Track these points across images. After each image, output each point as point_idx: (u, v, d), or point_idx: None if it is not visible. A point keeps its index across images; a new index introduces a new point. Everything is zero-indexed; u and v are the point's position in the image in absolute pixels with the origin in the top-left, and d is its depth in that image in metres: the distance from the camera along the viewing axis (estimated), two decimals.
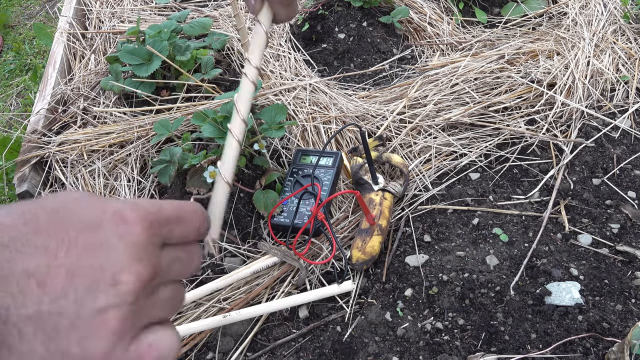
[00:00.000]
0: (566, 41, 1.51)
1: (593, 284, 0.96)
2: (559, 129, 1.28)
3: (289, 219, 1.09)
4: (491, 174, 1.22)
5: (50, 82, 1.57)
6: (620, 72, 1.43)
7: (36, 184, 1.30)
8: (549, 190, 1.15)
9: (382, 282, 1.02)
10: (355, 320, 0.96)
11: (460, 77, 1.41)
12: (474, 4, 1.82)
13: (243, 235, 1.13)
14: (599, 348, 0.86)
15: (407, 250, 1.06)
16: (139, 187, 1.25)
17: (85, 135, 1.36)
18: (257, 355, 0.94)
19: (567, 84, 1.35)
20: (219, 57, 1.53)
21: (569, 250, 1.03)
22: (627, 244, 1.03)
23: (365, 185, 1.13)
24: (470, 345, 0.89)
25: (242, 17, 1.26)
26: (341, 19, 1.66)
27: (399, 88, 1.46)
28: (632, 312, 0.91)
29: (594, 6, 1.66)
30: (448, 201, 1.15)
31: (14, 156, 1.39)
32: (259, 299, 1.02)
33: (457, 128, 1.32)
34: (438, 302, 0.96)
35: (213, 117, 1.08)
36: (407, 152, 1.28)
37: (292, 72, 1.51)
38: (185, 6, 1.82)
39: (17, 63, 2.15)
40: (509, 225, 1.09)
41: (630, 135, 1.26)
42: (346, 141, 1.30)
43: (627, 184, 1.15)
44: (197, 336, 0.97)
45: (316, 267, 1.04)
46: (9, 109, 1.89)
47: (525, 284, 0.97)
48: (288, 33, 1.72)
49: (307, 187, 1.08)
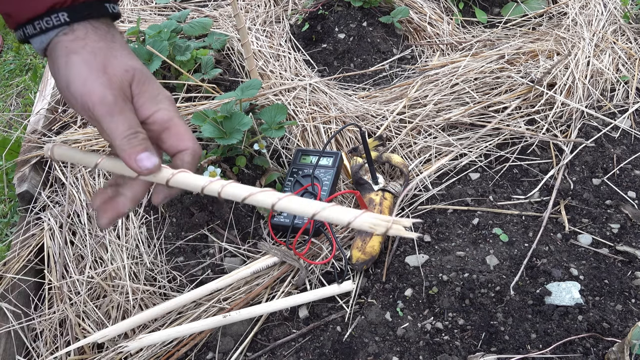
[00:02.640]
0: (566, 41, 1.51)
1: (593, 284, 0.96)
2: (559, 129, 1.28)
3: (289, 219, 1.09)
4: (491, 174, 1.22)
5: (50, 82, 1.57)
6: (620, 72, 1.43)
7: (36, 184, 1.30)
8: (549, 190, 1.15)
9: (382, 282, 1.02)
10: (355, 320, 0.96)
11: (460, 77, 1.41)
12: (474, 4, 1.82)
13: (243, 235, 1.13)
14: (599, 348, 0.86)
15: (407, 250, 1.06)
16: None
17: (85, 135, 1.36)
18: (257, 355, 0.94)
19: (567, 84, 1.35)
20: (219, 57, 1.53)
21: (569, 250, 1.03)
22: (627, 244, 1.03)
23: (365, 185, 1.13)
24: (470, 345, 0.89)
25: (242, 17, 1.26)
26: (341, 19, 1.66)
27: (399, 88, 1.46)
28: (632, 312, 0.91)
29: (594, 6, 1.66)
30: (448, 201, 1.15)
31: (14, 156, 1.39)
32: (259, 299, 1.02)
33: (457, 128, 1.32)
34: (438, 302, 0.96)
35: (213, 117, 1.08)
36: (407, 152, 1.28)
37: (292, 72, 1.51)
38: (185, 6, 1.82)
39: (17, 63, 2.15)
40: (509, 225, 1.09)
41: (630, 135, 1.26)
42: (346, 141, 1.30)
43: (627, 184, 1.15)
44: (197, 336, 0.97)
45: (316, 267, 1.04)
46: (9, 109, 1.89)
47: (525, 284, 0.97)
48: (288, 33, 1.72)
49: (307, 187, 1.08)
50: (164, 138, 0.50)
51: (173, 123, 0.49)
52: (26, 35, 0.48)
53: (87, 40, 0.47)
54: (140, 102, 0.48)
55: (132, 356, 0.95)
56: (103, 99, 0.45)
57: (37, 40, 0.48)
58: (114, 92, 0.45)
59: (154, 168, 0.46)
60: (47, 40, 0.47)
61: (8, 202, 1.50)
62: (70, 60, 0.46)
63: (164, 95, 0.50)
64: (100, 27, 0.48)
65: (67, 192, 1.25)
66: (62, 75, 0.46)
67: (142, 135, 0.46)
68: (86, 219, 1.19)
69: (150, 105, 0.49)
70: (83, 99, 0.45)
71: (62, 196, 1.26)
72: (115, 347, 0.93)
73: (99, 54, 0.46)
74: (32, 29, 0.47)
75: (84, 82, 0.45)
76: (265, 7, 1.83)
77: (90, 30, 0.47)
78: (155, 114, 0.49)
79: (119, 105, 0.45)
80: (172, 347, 0.96)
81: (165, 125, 0.49)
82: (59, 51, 0.46)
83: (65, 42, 0.46)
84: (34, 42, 0.48)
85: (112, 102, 0.45)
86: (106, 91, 0.45)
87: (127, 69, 0.47)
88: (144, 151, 0.46)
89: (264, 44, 1.62)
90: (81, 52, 0.46)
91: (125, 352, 0.94)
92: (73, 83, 0.45)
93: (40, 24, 0.47)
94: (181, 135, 0.50)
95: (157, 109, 0.49)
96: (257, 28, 1.70)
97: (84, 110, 0.46)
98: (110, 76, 0.46)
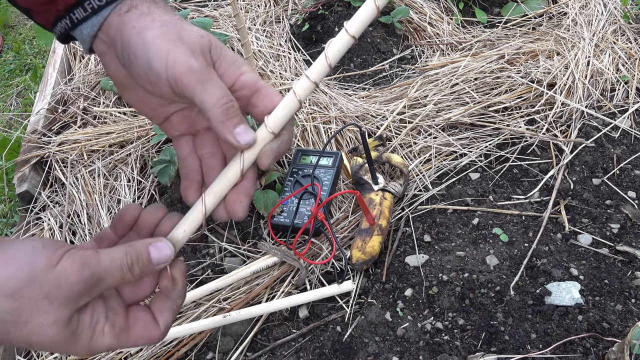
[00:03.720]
0: (566, 41, 1.51)
1: (593, 284, 0.96)
2: (559, 129, 1.28)
3: (289, 219, 1.09)
4: (491, 174, 1.22)
5: (50, 82, 1.57)
6: (620, 72, 1.43)
7: (36, 184, 1.30)
8: (549, 190, 1.15)
9: (382, 282, 1.02)
10: (355, 320, 0.96)
11: (460, 77, 1.41)
12: (474, 4, 1.82)
13: (243, 235, 1.13)
14: (599, 348, 0.86)
15: (407, 250, 1.06)
16: (139, 187, 1.25)
17: (85, 135, 1.36)
18: (257, 355, 0.94)
19: (567, 83, 1.35)
20: None
21: (569, 250, 1.03)
22: (627, 244, 1.03)
23: (365, 185, 1.13)
24: (470, 345, 0.89)
25: (242, 17, 1.26)
26: (341, 19, 1.66)
27: (399, 88, 1.46)
28: (632, 312, 0.91)
29: (594, 6, 1.66)
30: (448, 201, 1.16)
31: (14, 156, 1.39)
32: (259, 299, 1.02)
33: (457, 128, 1.32)
34: (438, 302, 0.96)
35: None
36: (407, 152, 1.28)
37: (292, 72, 1.51)
38: (185, 6, 1.82)
39: (17, 63, 2.15)
40: (509, 225, 1.09)
41: (630, 135, 1.26)
42: (346, 141, 1.30)
43: (627, 184, 1.15)
44: (197, 336, 0.97)
45: (316, 267, 1.04)
46: (9, 109, 1.89)
47: (525, 284, 0.97)
48: (288, 33, 1.72)
49: (307, 187, 1.08)
50: (255, 102, 0.46)
51: (260, 85, 0.46)
52: (74, 22, 0.44)
53: (153, 15, 0.43)
54: (223, 68, 0.45)
55: (132, 356, 0.95)
56: (190, 67, 0.41)
57: (88, 26, 0.44)
58: (198, 59, 0.42)
59: (252, 142, 0.43)
60: (98, 23, 0.44)
61: (8, 202, 1.50)
62: (145, 38, 0.42)
63: (242, 60, 0.47)
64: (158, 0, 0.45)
65: (67, 192, 1.25)
66: (141, 56, 0.42)
67: (236, 104, 0.43)
68: (86, 219, 1.19)
69: (234, 69, 0.45)
70: (168, 72, 0.41)
71: (62, 196, 1.26)
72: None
73: (170, 25, 0.43)
74: (83, 12, 0.43)
75: (165, 55, 0.41)
76: (265, 7, 1.83)
77: (152, 5, 0.44)
78: (241, 77, 0.45)
79: (206, 71, 0.42)
80: (172, 347, 0.96)
81: (253, 88, 0.45)
82: (128, 33, 0.43)
83: (132, 21, 0.43)
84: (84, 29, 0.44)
85: (199, 70, 0.42)
86: (190, 59, 0.41)
87: (202, 35, 0.44)
88: (241, 122, 0.43)
89: (264, 44, 1.62)
90: (152, 27, 0.42)
91: (125, 352, 0.94)
92: (154, 60, 0.41)
93: (91, 3, 0.43)
94: (272, 96, 0.45)
95: (241, 73, 0.45)
96: (257, 28, 1.70)
97: (171, 85, 0.42)
98: (189, 44, 0.42)
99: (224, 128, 0.42)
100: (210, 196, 0.45)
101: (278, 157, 0.46)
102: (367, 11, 0.41)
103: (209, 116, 0.42)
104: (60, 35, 0.46)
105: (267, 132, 0.44)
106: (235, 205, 0.46)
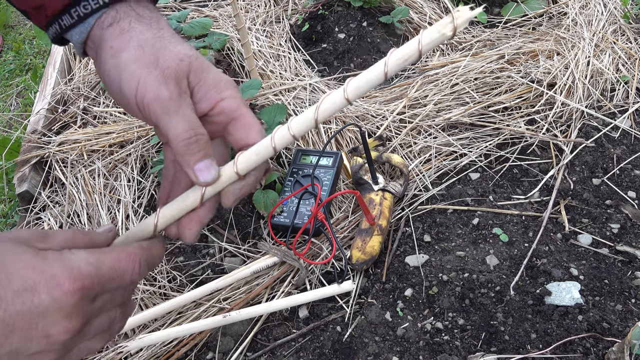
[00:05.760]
0: (566, 41, 1.51)
1: (593, 284, 0.96)
2: (559, 129, 1.28)
3: (289, 219, 1.09)
4: (491, 174, 1.22)
5: (50, 82, 1.57)
6: (620, 72, 1.43)
7: (36, 184, 1.30)
8: (549, 190, 1.15)
9: (382, 282, 1.02)
10: (355, 320, 0.96)
11: (460, 77, 1.41)
12: (474, 4, 1.82)
13: (243, 235, 1.13)
14: (599, 348, 0.86)
15: (407, 250, 1.06)
16: (139, 187, 1.25)
17: (85, 135, 1.36)
18: (257, 355, 0.94)
19: (567, 84, 1.35)
20: (219, 57, 1.53)
21: (569, 250, 1.03)
22: (627, 244, 1.03)
23: (365, 185, 1.13)
24: (470, 345, 0.89)
25: (242, 17, 1.26)
26: (341, 19, 1.66)
27: (399, 88, 1.46)
28: (632, 312, 0.91)
29: (594, 6, 1.66)
30: (448, 201, 1.15)
31: (14, 156, 1.39)
32: (259, 299, 1.02)
33: (457, 128, 1.32)
34: (438, 302, 0.96)
35: None
36: (407, 152, 1.28)
37: (292, 72, 1.51)
38: (185, 6, 1.82)
39: (17, 63, 2.15)
40: (509, 225, 1.09)
41: (630, 135, 1.26)
42: (346, 141, 1.30)
43: (627, 184, 1.15)
44: (197, 336, 0.97)
45: (316, 267, 1.04)
46: (9, 109, 1.89)
47: (525, 284, 0.97)
48: (288, 33, 1.72)
49: (307, 187, 1.08)
50: (230, 130, 0.45)
51: (240, 113, 0.44)
52: (63, 28, 0.44)
53: (132, 32, 0.42)
54: (202, 93, 0.44)
55: (132, 356, 0.95)
56: (157, 95, 0.40)
57: (77, 32, 0.44)
58: (169, 87, 0.41)
59: (212, 181, 0.42)
60: (85, 30, 0.43)
61: (8, 202, 1.50)
62: (119, 61, 0.42)
63: (227, 81, 0.45)
64: (144, 13, 0.44)
65: (67, 192, 1.25)
66: (114, 79, 0.42)
67: (203, 138, 0.42)
68: (86, 219, 1.19)
69: (214, 94, 0.44)
70: (137, 99, 0.41)
71: (62, 196, 1.26)
72: (115, 347, 0.93)
73: (147, 46, 0.42)
74: (70, 19, 0.43)
75: (136, 81, 0.41)
76: (265, 7, 1.83)
77: (134, 20, 0.43)
78: (220, 103, 0.44)
79: (175, 101, 0.41)
80: (172, 347, 0.96)
81: (232, 116, 0.44)
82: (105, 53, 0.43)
83: (110, 39, 0.43)
84: (74, 35, 0.44)
85: (167, 98, 0.41)
86: (160, 87, 0.41)
87: (181, 59, 0.42)
88: (204, 158, 0.42)
89: (264, 44, 1.62)
90: (128, 48, 0.42)
91: (125, 352, 0.94)
92: (125, 85, 0.41)
93: (77, 10, 0.43)
94: (249, 127, 0.44)
95: (221, 98, 0.44)
96: (257, 28, 1.70)
97: (139, 111, 0.42)
98: (163, 69, 0.41)
99: (184, 162, 0.42)
100: (162, 219, 0.45)
101: (240, 197, 0.45)
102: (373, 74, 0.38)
103: (173, 147, 0.42)
104: (54, 39, 0.46)
105: (233, 172, 0.43)
106: (185, 230, 0.45)
